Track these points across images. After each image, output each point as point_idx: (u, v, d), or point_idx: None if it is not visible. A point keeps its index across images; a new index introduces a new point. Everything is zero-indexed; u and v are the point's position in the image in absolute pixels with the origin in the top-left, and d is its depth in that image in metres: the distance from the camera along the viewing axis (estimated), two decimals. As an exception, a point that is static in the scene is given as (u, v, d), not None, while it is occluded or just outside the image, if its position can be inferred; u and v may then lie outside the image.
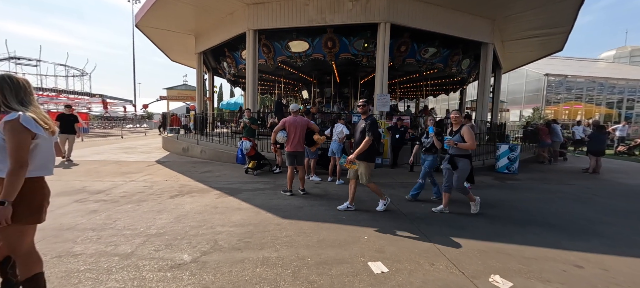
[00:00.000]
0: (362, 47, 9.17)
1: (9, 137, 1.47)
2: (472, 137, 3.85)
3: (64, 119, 7.83)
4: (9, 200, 1.47)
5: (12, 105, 1.55)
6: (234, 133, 11.24)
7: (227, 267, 2.47)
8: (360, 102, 4.22)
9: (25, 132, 1.50)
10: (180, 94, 23.06)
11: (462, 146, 3.89)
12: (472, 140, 3.83)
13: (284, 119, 4.94)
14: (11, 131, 1.47)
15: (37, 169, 1.61)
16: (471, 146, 3.83)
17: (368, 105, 4.19)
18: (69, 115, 7.99)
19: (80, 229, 3.17)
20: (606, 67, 29.70)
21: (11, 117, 1.48)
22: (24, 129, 1.49)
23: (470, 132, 3.89)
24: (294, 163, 4.87)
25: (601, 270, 2.61)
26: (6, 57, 34.51)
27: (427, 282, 2.32)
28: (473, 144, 3.81)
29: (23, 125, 1.49)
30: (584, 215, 4.26)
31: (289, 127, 4.82)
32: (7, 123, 1.47)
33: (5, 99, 1.54)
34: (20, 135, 1.49)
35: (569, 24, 9.95)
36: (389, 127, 7.98)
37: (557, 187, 6.24)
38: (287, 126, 4.83)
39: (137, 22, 11.28)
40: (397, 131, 7.78)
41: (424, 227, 3.52)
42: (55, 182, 5.21)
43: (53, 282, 2.15)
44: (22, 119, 1.49)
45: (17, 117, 1.48)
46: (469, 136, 3.85)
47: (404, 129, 7.94)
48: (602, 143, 8.14)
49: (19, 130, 1.48)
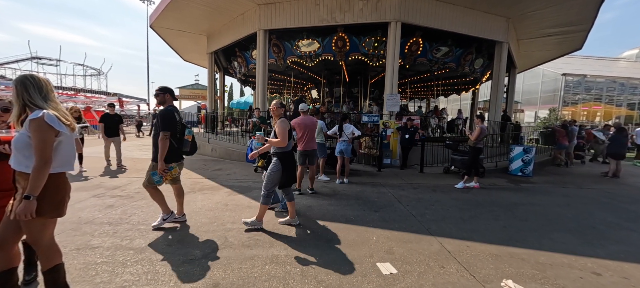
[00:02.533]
0: (372, 46, 9.10)
1: (35, 134, 1.54)
2: (283, 132, 3.25)
3: (108, 120, 6.72)
4: (34, 195, 1.54)
5: (36, 102, 1.62)
6: (243, 132, 11.38)
7: (237, 263, 2.51)
8: (156, 90, 3.19)
9: (49, 129, 1.56)
10: (192, 93, 23.53)
11: (271, 142, 3.37)
12: (283, 135, 3.24)
13: (294, 120, 4.87)
14: (37, 129, 1.54)
15: (60, 166, 1.68)
16: (281, 143, 3.26)
17: (163, 95, 3.14)
18: (114, 116, 6.85)
19: (98, 223, 3.28)
20: (628, 67, 28.42)
21: (36, 116, 1.55)
22: (48, 126, 1.55)
23: (282, 126, 3.27)
24: (306, 162, 4.87)
25: (621, 278, 2.51)
26: (28, 57, 36.08)
27: (437, 285, 2.29)
28: (284, 140, 3.25)
29: (47, 123, 1.55)
30: (603, 220, 4.10)
31: (298, 127, 4.76)
32: (33, 121, 1.54)
33: (31, 97, 1.61)
34: (45, 132, 1.55)
35: (589, 22, 9.57)
36: (399, 127, 7.90)
37: (575, 190, 6.03)
38: (296, 126, 4.76)
39: (152, 23, 11.56)
40: (406, 131, 7.69)
41: (435, 229, 3.47)
42: (74, 177, 5.41)
43: (72, 273, 2.24)
44: (47, 117, 1.55)
45: (42, 115, 1.55)
46: (280, 131, 3.26)
47: (414, 129, 7.84)
48: (623, 146, 7.82)
49: (44, 128, 1.55)
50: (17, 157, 1.60)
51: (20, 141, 1.58)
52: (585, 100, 23.94)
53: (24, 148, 1.58)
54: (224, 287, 2.17)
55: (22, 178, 1.60)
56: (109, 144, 6.75)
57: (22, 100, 1.61)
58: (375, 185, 5.68)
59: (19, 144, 1.58)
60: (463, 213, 4.13)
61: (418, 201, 4.70)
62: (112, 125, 6.75)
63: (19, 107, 1.62)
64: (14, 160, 1.62)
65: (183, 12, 10.05)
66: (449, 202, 4.69)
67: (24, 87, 1.61)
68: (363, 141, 7.54)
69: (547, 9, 8.70)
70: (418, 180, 6.41)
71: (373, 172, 7.08)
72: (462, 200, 4.84)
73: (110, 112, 6.86)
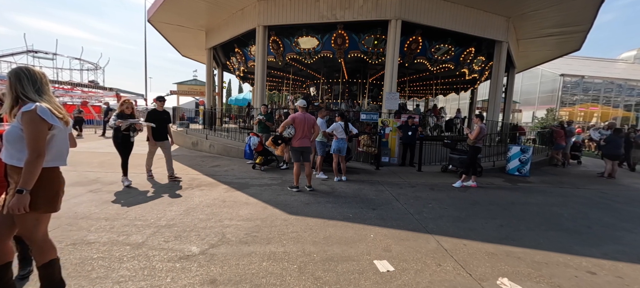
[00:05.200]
0: (372, 44, 9.08)
1: (27, 127, 1.51)
2: None
3: (156, 118, 5.15)
4: (27, 189, 1.52)
5: (29, 95, 1.59)
6: (242, 128, 11.34)
7: (234, 260, 2.51)
8: None
9: (42, 122, 1.54)
10: (190, 89, 23.42)
11: None
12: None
13: (293, 115, 4.93)
14: (28, 122, 1.51)
15: (53, 160, 1.65)
16: None
17: None
18: (162, 113, 5.30)
19: (94, 218, 3.26)
20: (626, 68, 28.58)
21: (28, 108, 1.52)
22: (40, 119, 1.53)
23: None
24: (300, 159, 4.89)
25: (615, 277, 2.53)
26: (24, 51, 35.68)
27: (434, 283, 2.30)
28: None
29: (40, 116, 1.52)
30: (598, 220, 4.14)
31: (297, 123, 4.81)
32: (25, 114, 1.51)
33: (23, 89, 1.58)
34: (38, 125, 1.53)
35: (588, 23, 9.59)
36: (400, 126, 7.90)
37: (571, 190, 6.07)
38: (296, 122, 4.82)
39: (150, 17, 11.45)
40: (408, 129, 7.71)
41: (432, 227, 3.49)
42: (71, 172, 5.38)
43: (68, 268, 2.23)
44: (39, 109, 1.53)
45: (34, 108, 1.52)
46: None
47: (415, 127, 7.87)
48: (619, 146, 7.88)
49: (36, 121, 1.52)
50: (9, 151, 1.58)
51: (12, 134, 1.55)
52: (583, 101, 24.07)
53: (16, 141, 1.55)
54: (221, 283, 2.17)
55: (14, 172, 1.57)
56: (154, 150, 5.30)
57: (15, 93, 1.58)
58: (373, 183, 5.69)
59: (11, 137, 1.56)
60: (460, 212, 4.15)
61: (416, 199, 4.71)
62: (161, 125, 5.21)
63: (12, 99, 1.59)
64: (5, 154, 1.59)
65: (182, 6, 9.96)
66: (446, 201, 4.70)
67: (18, 79, 1.58)
68: (361, 139, 7.55)
69: (547, 9, 8.71)
70: (416, 178, 6.42)
71: (371, 170, 7.09)
72: (459, 199, 4.86)
73: (159, 108, 5.32)
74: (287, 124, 4.86)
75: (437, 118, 12.60)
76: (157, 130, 5.21)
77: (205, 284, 2.14)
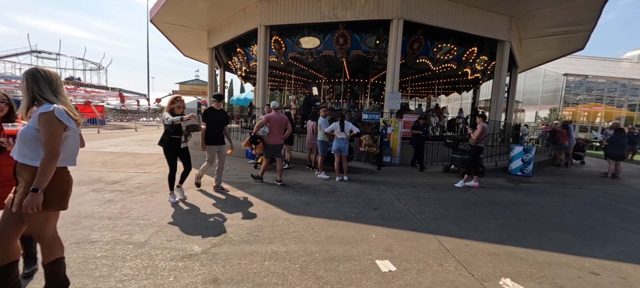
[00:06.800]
0: (373, 44, 9.06)
1: (44, 128, 1.54)
2: None
3: (213, 118, 4.57)
4: (41, 188, 1.54)
5: (46, 96, 1.61)
6: (243, 128, 11.36)
7: (236, 259, 2.52)
8: None
9: (58, 124, 1.56)
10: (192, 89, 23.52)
11: None
12: None
13: (268, 115, 5.27)
14: (46, 123, 1.54)
15: (65, 160, 1.68)
16: None
17: None
18: (220, 112, 4.70)
19: (97, 217, 3.29)
20: (630, 68, 28.35)
21: (46, 109, 1.55)
22: (58, 121, 1.56)
23: None
24: (272, 155, 5.30)
25: (619, 278, 2.52)
26: (28, 51, 35.90)
27: (436, 283, 2.30)
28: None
29: (57, 118, 1.55)
30: (601, 220, 4.11)
31: (272, 122, 5.18)
32: (43, 115, 1.54)
33: (40, 90, 1.61)
34: (55, 127, 1.55)
35: (591, 22, 9.52)
36: (416, 127, 7.77)
37: (574, 191, 6.04)
38: (271, 122, 5.19)
39: (152, 18, 11.49)
40: (420, 128, 7.66)
41: (434, 227, 3.48)
42: (74, 171, 5.41)
43: (72, 266, 2.25)
44: (57, 111, 1.55)
45: (53, 110, 1.55)
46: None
47: (426, 128, 7.87)
48: (622, 147, 7.82)
49: (54, 122, 1.55)
50: (22, 149, 1.60)
51: (27, 134, 1.57)
52: (586, 101, 23.90)
53: (31, 141, 1.57)
54: (223, 282, 2.18)
55: (24, 171, 1.59)
56: (213, 158, 4.65)
57: (32, 93, 1.60)
58: (375, 183, 5.69)
59: (26, 137, 1.58)
60: (462, 212, 4.14)
61: (417, 199, 4.70)
62: (218, 126, 4.58)
63: (28, 100, 1.62)
64: (18, 152, 1.61)
65: (184, 6, 9.98)
66: (448, 201, 4.69)
67: (35, 80, 1.60)
68: (363, 139, 7.54)
69: (550, 8, 8.65)
70: (418, 178, 6.41)
71: (373, 170, 7.09)
72: (461, 199, 4.85)
73: (216, 107, 4.69)
74: (262, 123, 5.21)
75: (439, 118, 12.57)
76: (214, 133, 4.57)
77: (207, 283, 2.15)
